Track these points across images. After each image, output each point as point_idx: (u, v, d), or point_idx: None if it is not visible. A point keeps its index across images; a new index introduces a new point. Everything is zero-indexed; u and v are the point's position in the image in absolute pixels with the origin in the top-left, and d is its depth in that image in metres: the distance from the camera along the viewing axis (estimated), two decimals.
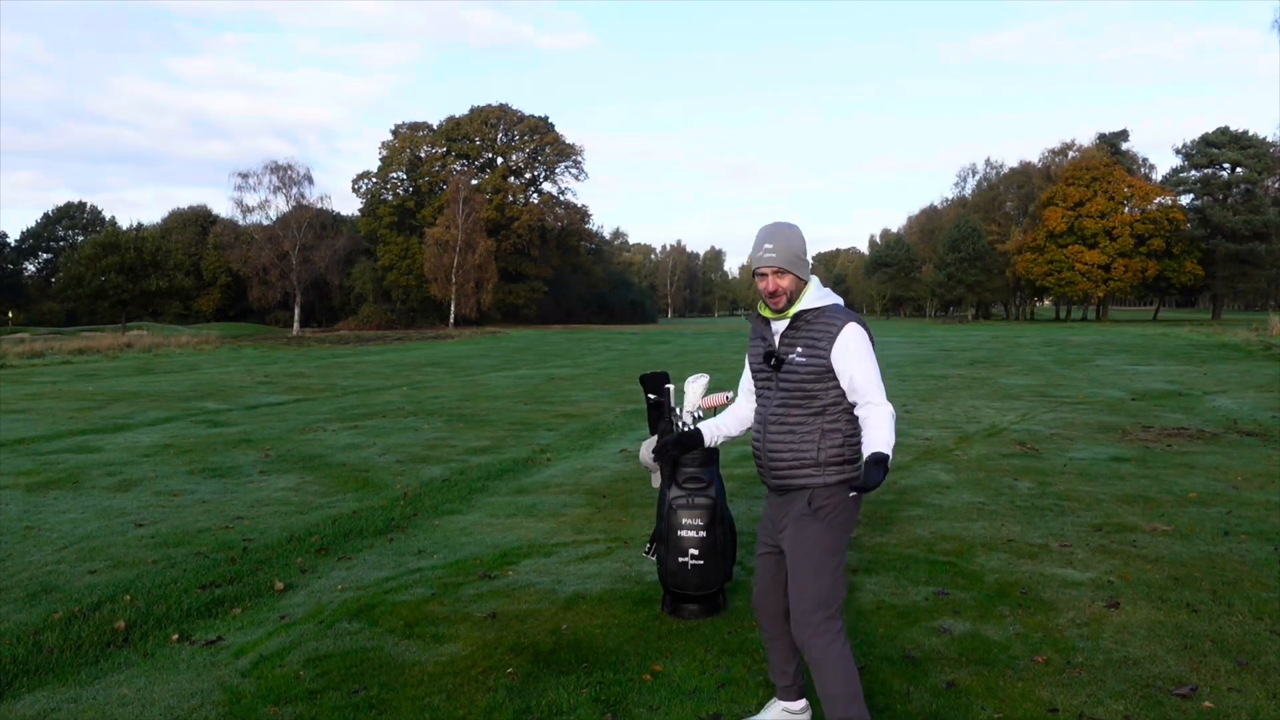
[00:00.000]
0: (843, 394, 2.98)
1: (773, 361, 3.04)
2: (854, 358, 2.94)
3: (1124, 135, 78.42)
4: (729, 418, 3.37)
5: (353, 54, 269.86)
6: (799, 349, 2.98)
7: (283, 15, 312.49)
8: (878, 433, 2.89)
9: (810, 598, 2.94)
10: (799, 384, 2.98)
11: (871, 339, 3.02)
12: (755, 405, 3.22)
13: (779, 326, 3.07)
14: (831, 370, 2.95)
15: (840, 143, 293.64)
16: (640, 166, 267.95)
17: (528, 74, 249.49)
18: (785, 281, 2.98)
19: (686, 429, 4.42)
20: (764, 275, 2.99)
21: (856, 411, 2.98)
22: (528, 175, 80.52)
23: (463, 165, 77.69)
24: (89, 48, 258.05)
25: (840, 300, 3.11)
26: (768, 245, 2.98)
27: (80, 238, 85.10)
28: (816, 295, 3.03)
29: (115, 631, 4.24)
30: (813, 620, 2.92)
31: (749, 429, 3.30)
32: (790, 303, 3.00)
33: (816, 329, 2.97)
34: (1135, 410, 12.19)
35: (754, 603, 3.31)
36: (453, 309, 67.93)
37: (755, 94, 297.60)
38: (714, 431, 3.39)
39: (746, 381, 3.30)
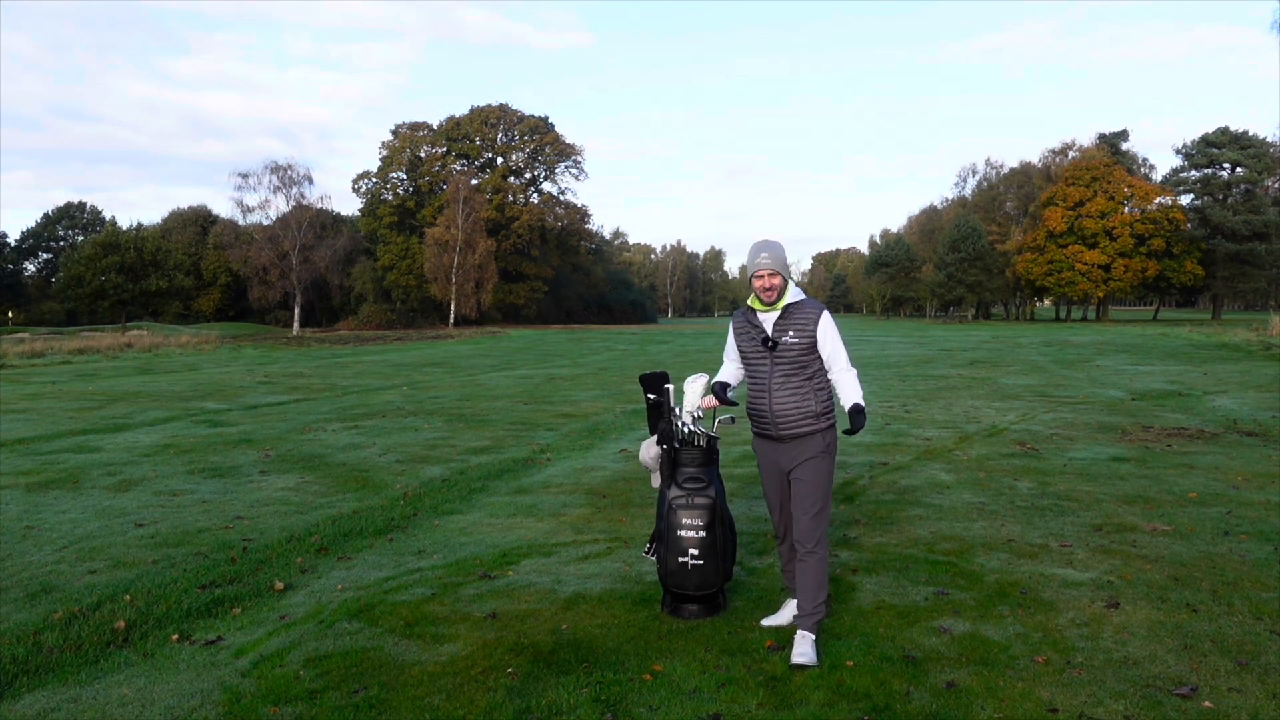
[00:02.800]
0: (822, 364, 4.07)
1: (770, 344, 4.02)
2: (831, 336, 4.03)
3: (1124, 135, 78.43)
4: (734, 369, 4.31)
5: (348, 53, 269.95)
6: (790, 333, 4.00)
7: (276, 14, 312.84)
8: (853, 388, 4.05)
9: (817, 515, 4.00)
10: (795, 359, 4.00)
11: None
12: (743, 371, 4.25)
13: (769, 317, 4.06)
14: (815, 346, 4.01)
15: (840, 143, 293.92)
16: (640, 166, 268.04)
17: (525, 74, 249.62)
18: (777, 280, 4.01)
19: (687, 428, 4.43)
20: (761, 276, 4.00)
21: (831, 376, 4.07)
22: (528, 175, 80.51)
23: (463, 165, 77.67)
24: (81, 47, 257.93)
25: (804, 295, 4.18)
26: (764, 254, 3.99)
27: (80, 238, 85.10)
28: (795, 293, 4.06)
29: (115, 631, 4.24)
30: (817, 532, 3.98)
31: (742, 383, 4.34)
32: (779, 298, 4.03)
33: (801, 317, 4.01)
34: (1135, 410, 12.19)
35: (777, 532, 4.38)
36: (453, 309, 67.94)
37: (755, 94, 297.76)
38: (735, 380, 4.32)
39: (732, 351, 4.29)
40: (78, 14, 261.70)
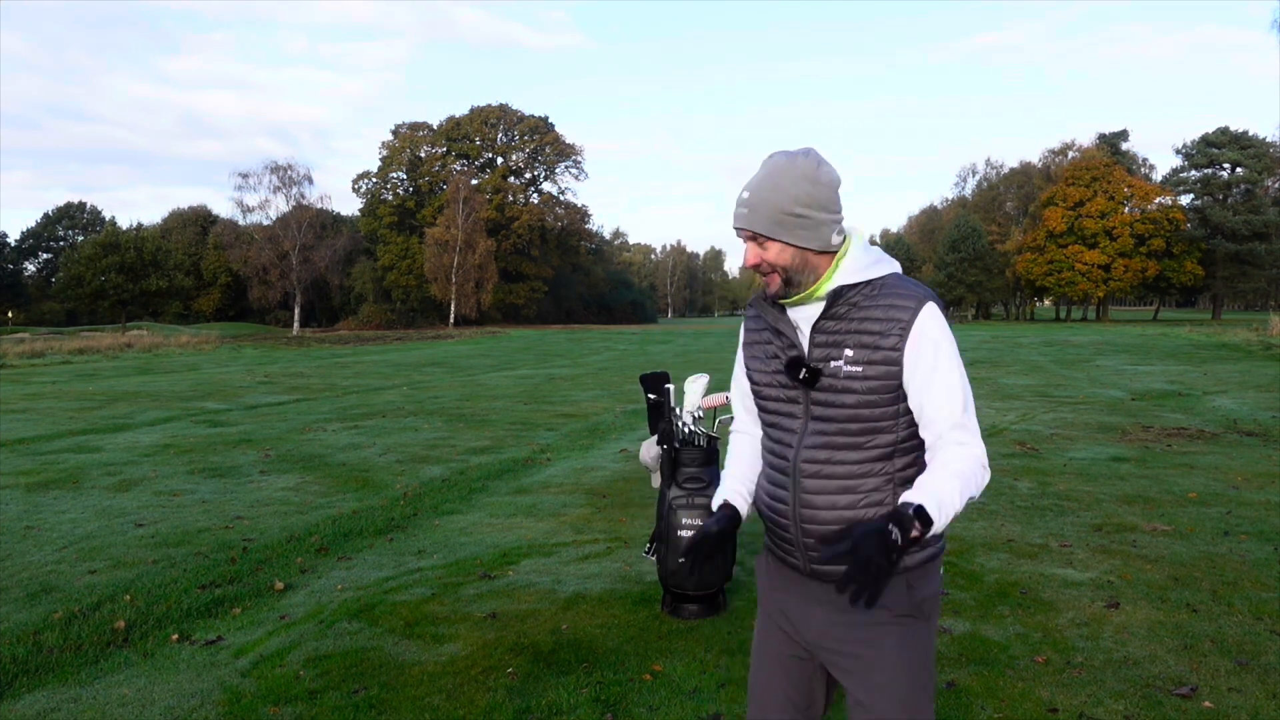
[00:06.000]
0: (911, 420, 1.88)
1: (805, 375, 1.89)
2: (929, 362, 1.82)
3: (1124, 135, 78.41)
4: (748, 463, 2.14)
5: (342, 53, 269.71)
6: (848, 351, 1.86)
7: (269, 14, 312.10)
8: (950, 476, 1.77)
9: None
10: (853, 409, 1.86)
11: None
12: (761, 430, 2.09)
13: (805, 314, 1.92)
14: (898, 382, 1.84)
15: (840, 142, 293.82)
16: (640, 166, 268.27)
17: (521, 74, 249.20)
18: (771, 254, 1.88)
19: (688, 428, 4.42)
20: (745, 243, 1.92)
21: (929, 445, 1.86)
22: (528, 175, 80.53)
23: (463, 165, 77.69)
24: (76, 46, 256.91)
25: (897, 265, 1.96)
26: (744, 194, 1.88)
27: (80, 238, 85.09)
28: (863, 261, 1.89)
29: (115, 631, 4.24)
30: None
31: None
32: (795, 285, 1.89)
33: (874, 315, 1.85)
34: (1135, 410, 12.19)
35: None
36: (453, 309, 67.95)
37: (755, 94, 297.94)
38: (744, 497, 2.13)
39: (743, 395, 2.14)
40: (70, 13, 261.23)
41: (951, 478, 1.76)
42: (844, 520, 1.88)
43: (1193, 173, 72.37)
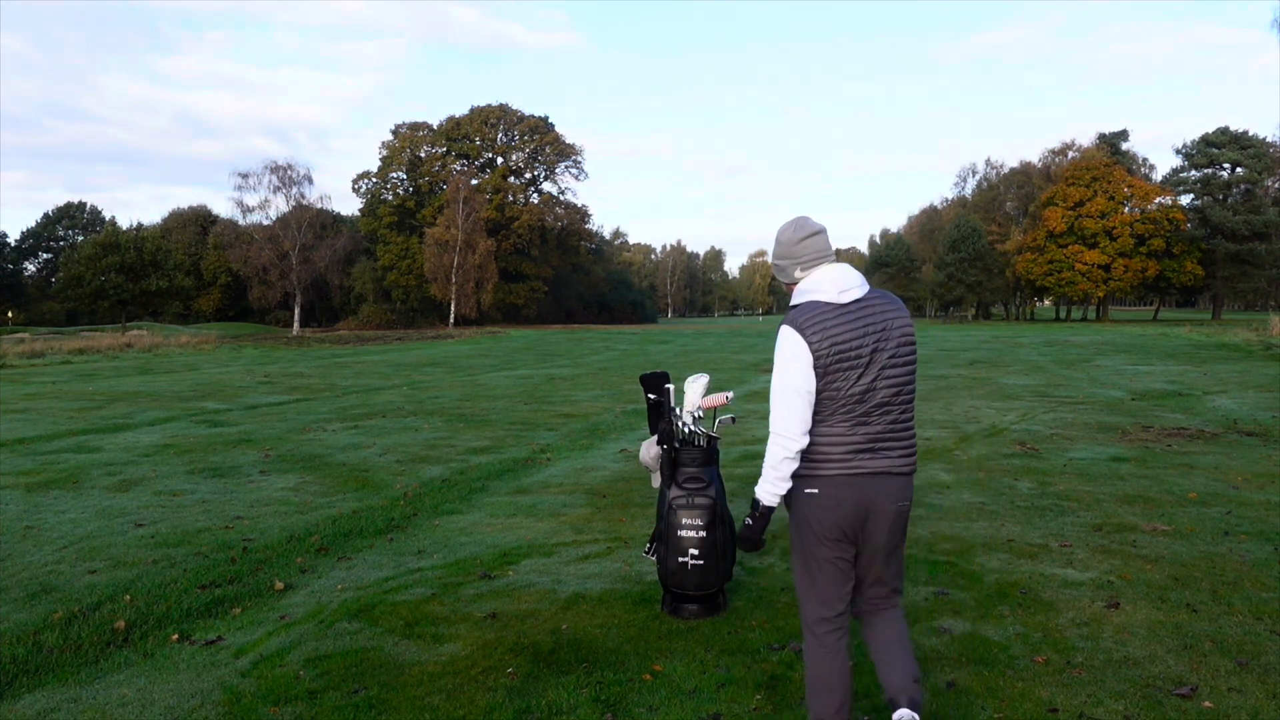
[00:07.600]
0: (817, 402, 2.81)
1: None
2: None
3: (1124, 135, 78.38)
4: None
5: (338, 52, 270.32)
6: None
7: (264, 13, 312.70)
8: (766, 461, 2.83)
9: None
10: None
11: (804, 342, 2.72)
12: None
13: None
14: None
15: (840, 142, 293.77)
16: (640, 166, 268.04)
17: (518, 73, 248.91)
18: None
19: (688, 428, 4.42)
20: None
21: None
22: (528, 175, 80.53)
23: (463, 165, 77.70)
24: (72, 46, 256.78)
25: (817, 294, 2.82)
26: None
27: (80, 237, 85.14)
28: (795, 294, 2.90)
29: (115, 631, 4.24)
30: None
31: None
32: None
33: None
34: (1135, 410, 12.19)
35: None
36: (453, 309, 67.96)
37: (756, 94, 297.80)
38: None
39: None
40: (66, 13, 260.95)
41: (767, 458, 2.84)
42: None
43: (1193, 173, 72.31)
